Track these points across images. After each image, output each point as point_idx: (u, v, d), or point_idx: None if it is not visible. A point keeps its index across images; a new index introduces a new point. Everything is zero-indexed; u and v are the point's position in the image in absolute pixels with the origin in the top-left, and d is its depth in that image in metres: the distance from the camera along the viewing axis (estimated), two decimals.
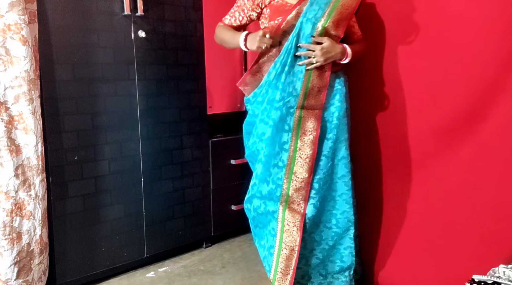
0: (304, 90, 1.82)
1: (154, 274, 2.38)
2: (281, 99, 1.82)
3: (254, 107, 1.97)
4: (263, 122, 1.90)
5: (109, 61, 2.18)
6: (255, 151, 1.97)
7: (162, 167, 2.42)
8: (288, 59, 1.83)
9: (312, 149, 1.85)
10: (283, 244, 1.88)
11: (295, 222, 1.87)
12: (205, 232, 2.67)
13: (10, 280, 1.89)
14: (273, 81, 1.86)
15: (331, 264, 2.01)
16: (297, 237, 1.87)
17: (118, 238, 2.29)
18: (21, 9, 1.84)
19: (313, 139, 1.85)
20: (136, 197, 2.34)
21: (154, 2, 2.31)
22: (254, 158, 1.99)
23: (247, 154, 2.05)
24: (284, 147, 1.86)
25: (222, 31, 1.99)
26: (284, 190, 1.87)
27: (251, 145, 1.98)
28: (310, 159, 1.86)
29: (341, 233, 1.97)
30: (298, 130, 1.84)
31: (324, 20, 1.79)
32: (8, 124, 1.86)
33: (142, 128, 2.33)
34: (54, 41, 2.01)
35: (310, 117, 1.85)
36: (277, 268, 1.90)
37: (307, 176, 1.86)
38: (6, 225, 1.87)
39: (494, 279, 1.51)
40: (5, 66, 1.84)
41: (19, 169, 1.89)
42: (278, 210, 1.89)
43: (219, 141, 2.68)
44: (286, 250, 1.88)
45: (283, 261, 1.89)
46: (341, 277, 2.01)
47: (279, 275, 1.90)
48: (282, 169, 1.87)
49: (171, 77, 2.42)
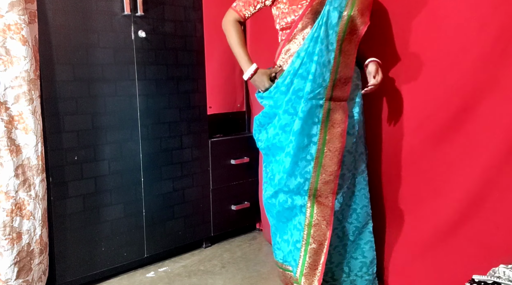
0: (332, 82, 1.78)
1: (154, 274, 2.38)
2: (312, 91, 1.76)
3: (276, 98, 1.89)
4: (287, 113, 1.84)
5: (109, 61, 2.18)
6: (276, 143, 1.90)
7: (162, 167, 2.42)
8: (316, 48, 1.76)
9: (341, 141, 1.84)
10: (311, 239, 1.85)
11: (324, 216, 1.85)
12: (205, 232, 2.67)
13: (10, 280, 1.89)
14: (299, 71, 1.80)
15: (354, 261, 2.02)
16: (326, 231, 1.85)
17: (118, 238, 2.29)
18: (21, 9, 1.84)
19: (341, 131, 1.83)
20: (136, 197, 2.34)
21: (154, 2, 2.31)
22: (273, 150, 1.94)
23: (264, 146, 1.98)
24: (313, 140, 1.81)
25: (233, 34, 1.97)
26: (312, 184, 1.84)
27: (271, 136, 1.91)
28: (339, 152, 1.84)
29: (361, 228, 2.00)
30: (327, 123, 1.81)
31: (349, 8, 1.75)
32: (8, 124, 1.86)
33: (142, 128, 2.33)
34: (54, 41, 2.01)
35: (338, 109, 1.82)
36: (305, 262, 1.86)
37: (336, 169, 1.84)
38: (6, 225, 1.87)
39: (494, 279, 1.51)
40: (5, 66, 1.84)
41: (19, 169, 1.89)
42: (306, 204, 1.85)
43: (219, 141, 2.68)
44: (315, 244, 1.85)
45: (312, 255, 1.85)
46: (365, 276, 2.02)
47: (306, 270, 1.86)
48: (311, 162, 1.82)
49: (171, 77, 2.42)
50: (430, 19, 1.86)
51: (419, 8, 1.89)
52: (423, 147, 1.93)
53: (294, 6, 1.87)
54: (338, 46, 1.76)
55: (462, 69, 1.76)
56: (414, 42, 1.93)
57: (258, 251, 2.65)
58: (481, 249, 1.75)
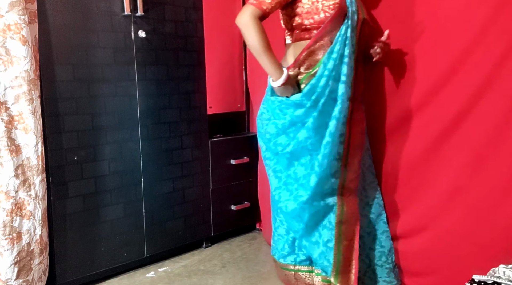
0: (354, 82, 1.82)
1: (154, 274, 2.38)
2: (346, 92, 1.77)
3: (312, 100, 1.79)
4: (322, 116, 1.79)
5: (109, 62, 2.18)
6: (307, 146, 1.82)
7: (162, 167, 2.43)
8: (346, 50, 1.76)
9: (362, 139, 1.89)
10: (342, 236, 1.86)
11: (353, 212, 1.88)
12: (205, 232, 2.67)
13: (10, 280, 1.89)
14: (332, 73, 1.77)
15: (372, 252, 2.05)
16: (355, 227, 1.88)
17: (118, 238, 2.29)
18: (21, 9, 1.84)
19: (361, 130, 1.89)
20: (136, 197, 2.34)
21: (154, 2, 2.31)
22: (300, 153, 1.86)
23: (290, 150, 1.85)
24: (341, 139, 1.82)
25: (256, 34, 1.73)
26: (341, 182, 1.86)
27: (302, 139, 1.81)
28: (360, 149, 1.89)
29: (375, 219, 2.04)
30: (350, 122, 1.84)
31: (361, 12, 1.83)
32: (8, 124, 1.86)
33: (142, 128, 2.33)
34: (54, 41, 2.01)
35: (358, 109, 1.88)
36: (339, 260, 1.86)
37: (358, 167, 1.89)
38: (6, 225, 1.87)
39: (494, 279, 1.51)
40: (5, 66, 1.84)
41: (19, 168, 1.89)
42: (337, 202, 1.86)
43: (219, 142, 2.68)
44: (346, 241, 1.86)
45: (344, 253, 1.86)
46: (385, 265, 2.04)
47: (341, 268, 1.86)
48: (339, 161, 1.83)
49: (171, 78, 2.42)
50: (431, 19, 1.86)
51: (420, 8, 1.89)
52: (423, 147, 1.93)
53: (325, 6, 1.79)
54: (356, 49, 1.83)
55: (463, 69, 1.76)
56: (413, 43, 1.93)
57: (258, 251, 2.65)
58: (481, 249, 1.74)
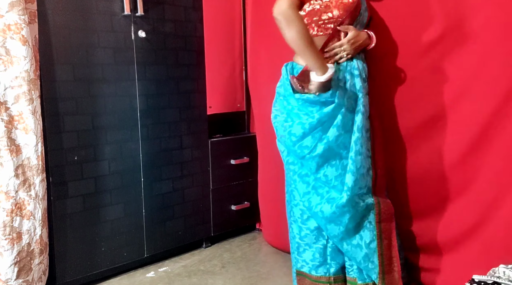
0: (366, 76, 1.83)
1: (154, 274, 2.38)
2: (363, 87, 1.79)
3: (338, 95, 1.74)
4: (348, 111, 1.77)
5: (109, 62, 2.18)
6: (339, 144, 1.78)
7: (162, 167, 2.43)
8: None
9: (380, 135, 1.89)
10: (383, 234, 1.83)
11: (389, 209, 1.85)
12: (205, 232, 2.67)
13: (10, 280, 1.89)
14: (347, 67, 1.81)
15: None
16: (391, 224, 1.85)
17: (118, 238, 2.29)
18: (21, 9, 1.84)
19: (379, 125, 1.89)
20: (136, 197, 2.34)
21: (154, 2, 2.31)
22: (330, 154, 1.80)
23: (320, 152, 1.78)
24: (368, 135, 1.80)
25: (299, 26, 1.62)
26: (373, 180, 1.84)
27: (333, 139, 1.76)
28: (382, 145, 1.88)
29: None
30: (370, 117, 1.83)
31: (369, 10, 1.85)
32: (8, 124, 1.86)
33: (142, 128, 2.33)
34: (54, 41, 2.01)
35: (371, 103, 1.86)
36: (384, 260, 1.83)
37: (385, 162, 1.89)
38: (6, 225, 1.87)
39: (494, 279, 1.51)
40: (5, 66, 1.84)
41: (19, 168, 1.89)
42: (374, 201, 1.82)
43: (219, 141, 2.68)
44: (386, 239, 1.84)
45: (386, 251, 1.83)
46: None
47: (386, 268, 1.83)
48: (369, 158, 1.82)
49: (171, 78, 2.42)
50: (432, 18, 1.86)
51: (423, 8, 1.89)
52: (425, 147, 1.93)
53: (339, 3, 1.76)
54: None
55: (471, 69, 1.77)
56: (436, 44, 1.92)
57: (258, 251, 2.65)
58: (481, 249, 1.75)
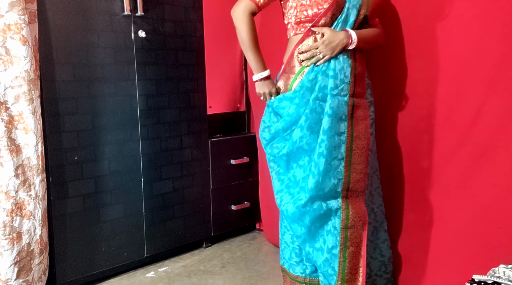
0: (353, 77, 1.76)
1: (154, 274, 2.38)
2: (335, 87, 1.73)
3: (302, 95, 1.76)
4: (314, 112, 1.74)
5: (109, 61, 2.18)
6: (303, 146, 1.76)
7: (162, 167, 2.43)
8: None
9: (367, 138, 1.81)
10: (348, 242, 1.77)
11: (360, 216, 1.78)
12: (205, 232, 2.67)
13: (10, 280, 1.89)
14: (323, 67, 1.74)
15: (373, 261, 1.99)
16: (362, 232, 1.78)
17: (118, 238, 2.29)
18: (21, 9, 1.84)
19: (366, 128, 1.80)
20: (136, 197, 2.34)
21: (154, 2, 2.31)
22: (298, 154, 1.80)
23: (286, 151, 1.80)
24: (341, 138, 1.75)
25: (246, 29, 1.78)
26: (344, 184, 1.77)
27: (297, 139, 1.76)
28: (366, 149, 1.80)
29: (378, 227, 1.97)
30: (352, 120, 1.77)
31: (365, 7, 1.76)
32: (8, 124, 1.86)
33: (142, 128, 2.33)
34: (54, 41, 2.01)
35: (360, 105, 1.79)
36: (345, 268, 1.78)
37: (364, 167, 1.80)
38: (6, 225, 1.87)
39: (494, 279, 1.51)
40: (5, 66, 1.84)
41: (19, 168, 1.89)
42: (341, 206, 1.77)
43: (219, 141, 2.68)
44: (353, 247, 1.77)
45: (351, 259, 1.78)
46: (384, 275, 2.00)
47: (348, 276, 1.78)
48: (342, 162, 1.75)
49: (171, 77, 2.42)
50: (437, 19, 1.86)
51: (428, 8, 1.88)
52: (428, 147, 1.93)
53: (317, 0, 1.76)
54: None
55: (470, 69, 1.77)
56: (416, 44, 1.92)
57: (258, 251, 2.65)
58: (481, 249, 1.75)
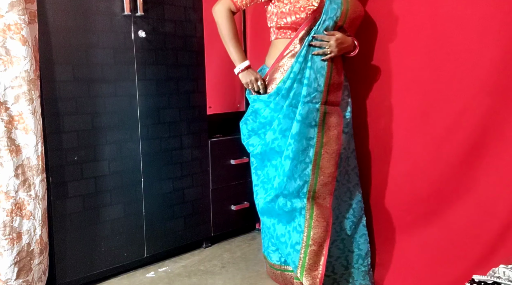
0: (327, 87, 1.86)
1: (154, 274, 2.38)
2: (308, 95, 1.83)
3: (277, 102, 1.90)
4: (287, 118, 1.87)
5: (109, 62, 2.18)
6: (275, 147, 1.91)
7: (162, 167, 2.43)
8: (309, 54, 1.85)
9: (338, 143, 1.90)
10: (311, 240, 1.87)
11: (324, 217, 1.88)
12: (205, 232, 2.67)
13: (10, 280, 1.89)
14: (298, 76, 1.85)
15: (351, 254, 2.07)
16: (326, 232, 1.88)
17: (118, 238, 2.29)
18: (21, 9, 1.84)
19: (338, 134, 1.90)
20: (136, 197, 2.34)
21: (154, 2, 2.31)
22: (270, 154, 1.96)
23: (259, 150, 1.98)
24: (311, 143, 1.86)
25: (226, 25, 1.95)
26: (311, 186, 1.87)
27: (270, 141, 1.92)
28: (336, 154, 1.90)
29: (356, 222, 2.06)
30: (323, 126, 1.86)
31: (343, 19, 1.86)
32: (8, 124, 1.86)
33: (142, 128, 2.33)
34: (54, 41, 2.01)
35: (333, 113, 1.89)
36: (305, 264, 1.88)
37: (333, 171, 1.90)
38: (6, 225, 1.87)
39: (494, 279, 1.52)
40: (5, 66, 1.84)
41: (19, 169, 1.89)
42: (305, 206, 1.88)
43: (219, 141, 2.68)
44: (315, 246, 1.87)
45: (312, 257, 1.88)
46: (361, 267, 2.06)
47: (306, 271, 1.88)
48: (309, 165, 1.86)
49: (171, 78, 2.42)
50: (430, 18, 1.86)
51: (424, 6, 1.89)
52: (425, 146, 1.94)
53: (296, 8, 1.87)
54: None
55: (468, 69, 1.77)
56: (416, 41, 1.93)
57: (258, 251, 2.65)
58: (481, 249, 1.75)
